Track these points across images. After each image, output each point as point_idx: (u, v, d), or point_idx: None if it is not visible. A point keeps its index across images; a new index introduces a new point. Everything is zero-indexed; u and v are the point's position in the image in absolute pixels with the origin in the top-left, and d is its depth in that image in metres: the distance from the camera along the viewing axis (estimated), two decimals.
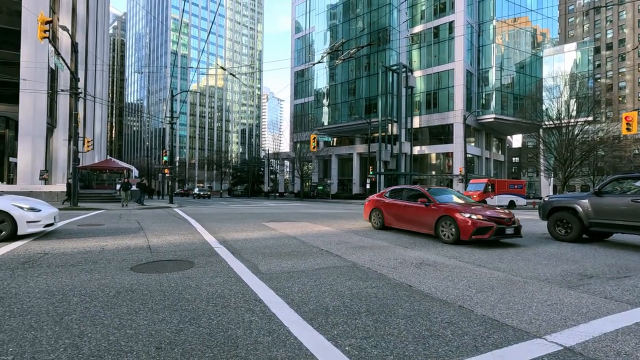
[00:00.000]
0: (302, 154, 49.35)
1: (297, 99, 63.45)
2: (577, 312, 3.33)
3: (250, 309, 3.22)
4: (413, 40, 48.51)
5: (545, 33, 51.09)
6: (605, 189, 7.91)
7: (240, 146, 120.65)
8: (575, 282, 4.49)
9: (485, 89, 45.81)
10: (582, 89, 42.36)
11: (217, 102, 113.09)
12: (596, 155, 36.04)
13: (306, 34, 62.35)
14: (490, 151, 50.88)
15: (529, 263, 5.66)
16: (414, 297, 3.72)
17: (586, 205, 7.95)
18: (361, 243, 7.37)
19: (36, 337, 2.57)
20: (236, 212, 16.23)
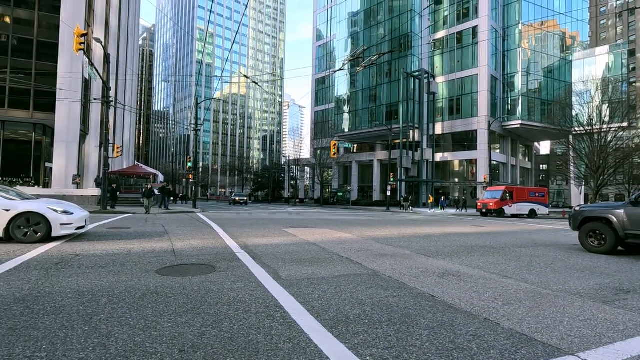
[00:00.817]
0: (322, 161, 49.51)
1: (317, 106, 63.90)
2: (613, 329, 3.15)
3: (271, 315, 3.23)
4: (435, 46, 47.99)
5: (575, 36, 49.37)
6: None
7: (262, 152, 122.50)
8: (611, 297, 4.25)
9: (511, 94, 44.63)
10: (615, 93, 40.43)
11: (239, 109, 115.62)
12: (632, 162, 34.20)
13: (327, 41, 62.92)
14: (516, 158, 49.33)
15: (559, 275, 5.41)
16: (437, 307, 3.62)
17: (622, 216, 7.54)
18: (382, 251, 7.28)
19: (67, 335, 2.67)
20: (257, 218, 16.42)
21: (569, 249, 8.52)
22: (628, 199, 7.77)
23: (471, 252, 7.56)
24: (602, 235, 7.86)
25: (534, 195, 28.34)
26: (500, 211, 26.02)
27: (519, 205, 26.72)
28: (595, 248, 7.95)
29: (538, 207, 27.91)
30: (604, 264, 6.58)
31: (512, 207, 26.25)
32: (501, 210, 26.09)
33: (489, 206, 26.24)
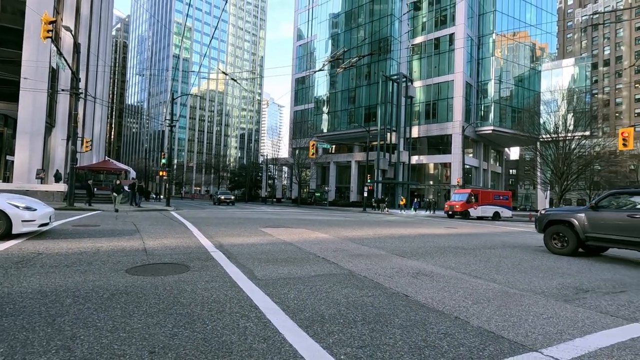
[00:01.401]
0: (300, 160, 49.45)
1: (297, 106, 63.76)
2: (573, 326, 3.33)
3: (245, 315, 3.19)
4: (414, 50, 49.01)
5: (544, 48, 51.77)
6: (601, 204, 7.94)
7: (239, 151, 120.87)
8: (571, 296, 4.49)
9: (484, 101, 46.22)
10: (579, 103, 42.81)
11: (217, 106, 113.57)
12: (592, 169, 36.28)
13: (308, 41, 62.92)
14: (488, 162, 51.14)
15: (525, 275, 5.66)
16: (410, 306, 3.70)
17: (582, 219, 7.98)
18: (358, 251, 7.35)
19: (28, 338, 2.54)
20: (233, 217, 16.18)
21: (535, 250, 8.93)
22: (588, 204, 8.23)
23: (444, 252, 7.77)
24: (565, 238, 8.28)
25: (498, 199, 29.13)
26: (465, 213, 26.68)
27: (484, 207, 27.45)
28: (558, 250, 8.36)
29: (502, 210, 28.67)
30: (566, 265, 6.94)
31: (477, 210, 26.92)
32: (466, 212, 26.72)
33: (455, 208, 26.90)
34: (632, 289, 5.09)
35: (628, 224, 7.19)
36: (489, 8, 45.83)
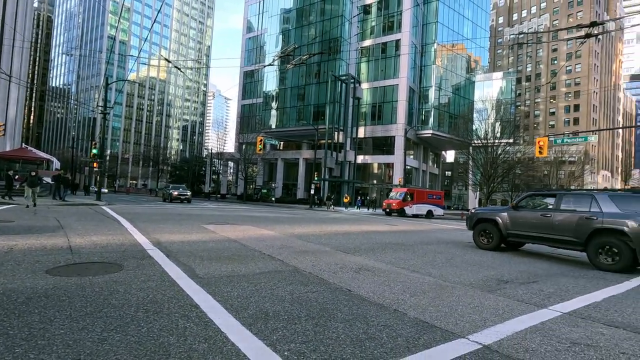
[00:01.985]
0: (247, 156, 48.38)
1: (245, 99, 62.20)
2: (494, 314, 3.69)
3: (185, 315, 3.05)
4: (362, 53, 50.42)
5: (477, 60, 56.46)
6: (520, 204, 8.91)
7: (181, 143, 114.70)
8: (494, 287, 4.98)
9: (425, 106, 49.12)
10: (505, 113, 47.47)
11: (157, 94, 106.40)
12: (514, 173, 40.49)
13: (258, 34, 61.64)
14: (427, 164, 54.49)
15: (456, 269, 6.15)
16: (353, 301, 3.83)
17: (505, 218, 8.87)
18: (304, 248, 7.40)
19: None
20: (173, 213, 15.33)
21: (465, 246, 9.74)
22: (510, 204, 9.18)
23: (385, 248, 8.14)
24: (490, 234, 9.15)
25: (432, 198, 30.61)
26: (401, 211, 27.82)
27: (418, 206, 28.71)
28: (484, 245, 9.21)
29: (435, 209, 30.02)
30: (491, 259, 7.67)
31: (412, 208, 28.06)
32: (402, 210, 27.84)
33: (392, 206, 28.04)
34: (543, 279, 5.79)
35: (541, 222, 8.15)
36: (432, 19, 48.73)
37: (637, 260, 6.91)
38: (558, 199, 8.19)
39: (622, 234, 6.91)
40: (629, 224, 6.85)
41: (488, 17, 60.08)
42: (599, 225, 7.20)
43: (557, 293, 4.83)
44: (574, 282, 5.71)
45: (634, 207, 7.00)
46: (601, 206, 7.33)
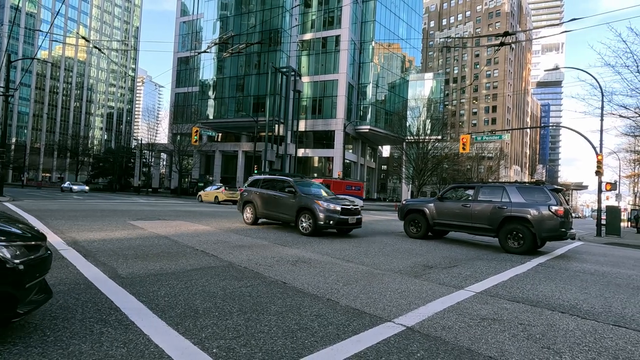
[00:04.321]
0: (182, 147, 45.72)
1: (179, 87, 58.50)
2: (419, 297, 3.98)
3: (102, 319, 2.80)
4: (302, 46, 50.36)
5: (411, 61, 59.79)
6: (445, 195, 9.71)
7: (106, 133, 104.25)
8: (420, 272, 5.37)
9: (363, 102, 50.80)
10: (435, 112, 51.13)
11: (76, 77, 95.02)
12: (442, 167, 43.99)
13: (193, 19, 58.19)
14: (364, 158, 56.61)
15: (387, 257, 6.51)
16: (287, 293, 3.85)
17: (432, 208, 9.61)
18: (240, 242, 7.24)
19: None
20: (94, 209, 13.92)
21: (397, 235, 10.34)
22: (436, 196, 9.96)
23: (322, 240, 8.31)
24: (419, 224, 9.84)
25: (350, 189, 29.81)
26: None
27: None
28: (414, 234, 9.88)
29: (354, 200, 31.17)
30: (419, 246, 8.26)
31: None
32: None
33: None
34: (462, 263, 6.39)
35: (462, 211, 8.98)
36: (370, 18, 50.34)
37: (537, 243, 7.99)
38: (476, 190, 9.08)
39: (526, 220, 7.91)
40: (531, 212, 7.88)
41: (421, 20, 63.85)
42: (509, 214, 8.16)
43: (473, 275, 5.37)
44: (487, 264, 6.40)
45: (536, 198, 8.05)
46: (510, 197, 8.31)
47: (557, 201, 7.88)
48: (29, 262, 2.25)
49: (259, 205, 10.47)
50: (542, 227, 7.72)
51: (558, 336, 3.04)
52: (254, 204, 10.61)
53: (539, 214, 7.78)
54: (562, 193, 8.58)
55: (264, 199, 10.38)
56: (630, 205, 38.17)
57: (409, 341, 2.74)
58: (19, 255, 2.22)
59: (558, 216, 7.66)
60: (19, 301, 2.20)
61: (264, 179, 11.32)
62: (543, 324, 3.33)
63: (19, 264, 2.17)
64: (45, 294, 2.50)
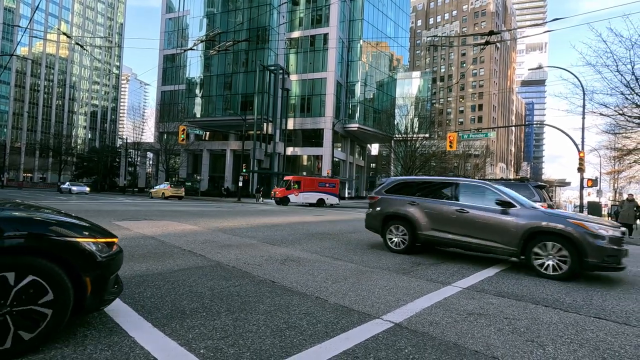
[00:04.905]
0: (169, 146, 45.07)
1: (165, 85, 57.61)
2: (406, 294, 4.02)
3: (85, 322, 2.73)
4: (291, 44, 50.16)
5: (399, 59, 60.20)
6: None
7: (90, 131, 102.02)
8: (408, 269, 5.42)
9: (352, 100, 50.92)
10: (422, 110, 51.60)
11: (58, 75, 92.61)
12: (430, 165, 44.46)
13: (180, 15, 57.31)
14: (353, 156, 56.79)
15: (376, 255, 6.55)
16: (276, 292, 3.83)
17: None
18: (228, 242, 7.19)
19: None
20: (79, 209, 13.62)
21: None
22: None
23: (311, 238, 8.31)
24: None
25: (324, 186, 29.50)
26: (284, 199, 27.43)
27: (307, 194, 27.71)
28: None
29: (327, 197, 29.02)
30: None
31: (298, 197, 27.09)
32: (286, 198, 27.40)
33: (276, 194, 27.84)
34: (449, 259, 6.48)
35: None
36: (358, 16, 50.44)
37: None
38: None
39: None
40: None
41: (408, 19, 64.28)
42: None
43: (460, 271, 5.45)
44: (474, 260, 6.50)
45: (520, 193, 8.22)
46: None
47: (541, 197, 8.06)
48: (109, 257, 2.54)
49: (424, 224, 6.66)
50: None
51: (542, 329, 3.11)
52: (412, 221, 6.81)
53: None
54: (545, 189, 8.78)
55: (437, 214, 6.60)
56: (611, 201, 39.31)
57: (397, 337, 2.76)
58: (102, 250, 2.52)
59: None
60: (105, 291, 2.51)
61: (421, 181, 8.01)
62: (527, 317, 3.40)
63: (103, 259, 2.47)
64: (118, 287, 2.76)
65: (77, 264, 2.33)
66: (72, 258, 2.32)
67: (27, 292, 2.12)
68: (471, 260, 6.45)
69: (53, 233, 2.31)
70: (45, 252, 2.24)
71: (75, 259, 2.33)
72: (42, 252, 2.22)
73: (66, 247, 2.32)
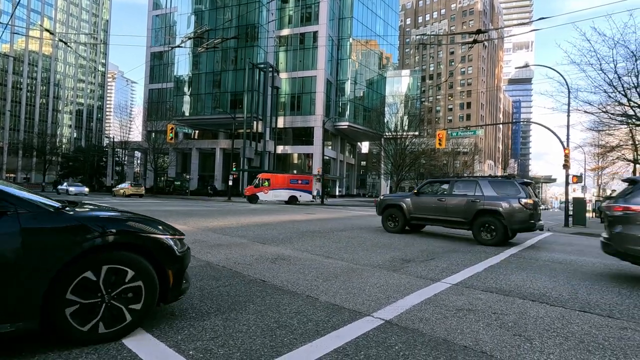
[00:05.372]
0: (157, 145, 44.43)
1: (153, 83, 56.82)
2: (397, 291, 4.04)
3: None
4: (280, 42, 49.93)
5: (389, 57, 60.46)
6: (421, 190, 9.91)
7: (76, 130, 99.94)
8: (399, 266, 5.46)
9: (342, 98, 51.00)
10: (412, 108, 51.97)
11: (41, 72, 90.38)
12: (420, 163, 44.82)
13: (167, 12, 56.56)
14: (344, 155, 56.92)
15: (367, 252, 6.58)
16: (267, 291, 3.81)
17: (409, 203, 9.79)
18: (218, 241, 7.13)
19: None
20: None
21: (376, 230, 10.47)
22: (413, 191, 10.14)
23: (302, 237, 8.30)
24: (397, 218, 9.99)
25: (296, 183, 29.14)
26: (253, 197, 27.24)
27: (277, 192, 27.55)
28: (391, 229, 10.03)
29: (300, 194, 28.58)
30: (397, 241, 8.39)
31: (267, 194, 26.93)
32: (254, 196, 27.21)
33: (245, 192, 27.62)
34: (439, 256, 6.54)
35: (437, 205, 9.20)
36: (347, 14, 50.47)
37: (508, 235, 8.30)
38: (451, 185, 9.32)
39: (498, 213, 8.20)
40: (503, 205, 8.16)
41: (397, 17, 64.61)
42: (481, 207, 8.42)
43: (449, 267, 5.51)
44: (462, 257, 6.58)
45: (507, 191, 8.35)
46: (483, 190, 8.58)
47: (527, 194, 8.20)
48: (183, 252, 2.83)
49: None
50: (513, 219, 8.03)
51: (529, 323, 3.16)
52: None
53: (510, 207, 8.08)
54: (531, 186, 8.94)
55: None
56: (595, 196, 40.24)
57: (387, 334, 2.77)
58: (178, 245, 2.79)
59: (527, 208, 7.99)
60: (181, 283, 2.80)
61: None
62: (515, 312, 3.46)
63: (180, 254, 2.77)
64: (187, 282, 2.97)
65: (160, 257, 2.62)
66: (156, 252, 2.61)
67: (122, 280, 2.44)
68: (461, 257, 6.53)
69: (140, 230, 2.61)
70: (135, 246, 2.53)
71: (159, 253, 2.62)
72: (133, 247, 2.53)
73: (152, 242, 2.61)
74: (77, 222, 2.38)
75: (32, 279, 2.13)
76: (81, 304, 2.28)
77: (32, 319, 2.13)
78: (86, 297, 2.30)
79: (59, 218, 2.35)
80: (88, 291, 2.31)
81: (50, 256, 2.18)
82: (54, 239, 2.24)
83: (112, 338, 2.39)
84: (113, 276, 2.39)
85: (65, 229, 2.31)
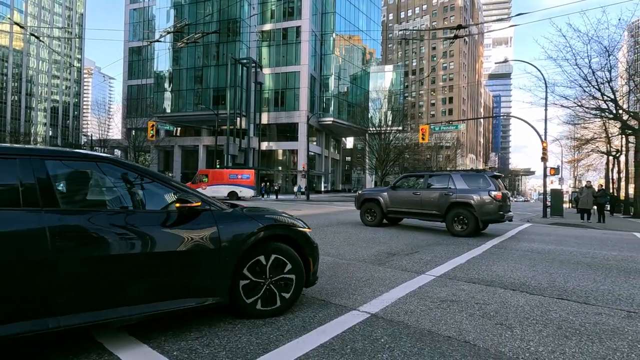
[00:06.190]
0: (138, 143, 43.43)
1: (132, 79, 55.32)
2: (382, 284, 4.09)
3: None
4: (263, 37, 49.35)
5: (372, 53, 60.62)
6: (397, 184, 10.09)
7: (51, 129, 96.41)
8: (384, 260, 5.51)
9: (326, 94, 50.91)
10: (395, 103, 52.40)
11: (12, 68, 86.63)
12: (404, 157, 45.34)
13: (145, 6, 55.01)
14: (329, 150, 56.96)
15: (352, 247, 6.62)
16: None
17: (385, 197, 9.95)
18: None
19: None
20: None
21: (360, 225, 10.53)
22: (389, 185, 10.31)
23: None
24: (374, 212, 10.13)
25: (236, 178, 28.73)
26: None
27: (215, 187, 27.21)
28: (369, 222, 10.18)
29: (240, 189, 28.20)
30: (382, 235, 8.48)
31: (205, 190, 26.26)
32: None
33: None
34: (423, 249, 6.65)
35: (413, 199, 9.39)
36: (330, 9, 50.26)
37: (479, 226, 8.57)
38: (425, 179, 9.53)
39: (469, 205, 8.45)
40: (474, 197, 8.42)
41: (380, 12, 64.77)
42: (454, 200, 8.66)
43: (433, 260, 5.60)
44: (446, 249, 6.71)
45: (478, 184, 8.61)
46: (455, 184, 8.82)
47: (496, 187, 8.48)
48: (316, 242, 3.38)
49: None
50: (483, 210, 8.30)
51: (510, 312, 3.25)
52: None
53: (480, 199, 8.34)
54: (501, 179, 9.24)
55: None
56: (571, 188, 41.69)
57: (373, 328, 2.80)
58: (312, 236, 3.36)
59: (497, 200, 8.27)
60: (317, 270, 3.37)
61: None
62: (497, 302, 3.55)
63: (315, 244, 3.34)
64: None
65: (304, 246, 3.16)
66: (301, 242, 3.16)
67: (282, 270, 3.00)
68: (444, 249, 6.65)
69: (292, 224, 3.18)
70: (288, 238, 3.11)
71: (304, 243, 3.17)
72: (287, 239, 3.11)
73: (300, 235, 3.18)
74: (249, 218, 2.92)
75: (227, 262, 2.69)
76: (251, 280, 2.84)
77: (224, 295, 2.70)
78: (255, 276, 2.87)
79: (235, 215, 2.89)
80: (257, 272, 2.88)
81: (239, 243, 2.75)
82: (240, 230, 2.79)
83: (264, 315, 2.90)
84: (276, 264, 2.95)
85: (244, 223, 2.86)
